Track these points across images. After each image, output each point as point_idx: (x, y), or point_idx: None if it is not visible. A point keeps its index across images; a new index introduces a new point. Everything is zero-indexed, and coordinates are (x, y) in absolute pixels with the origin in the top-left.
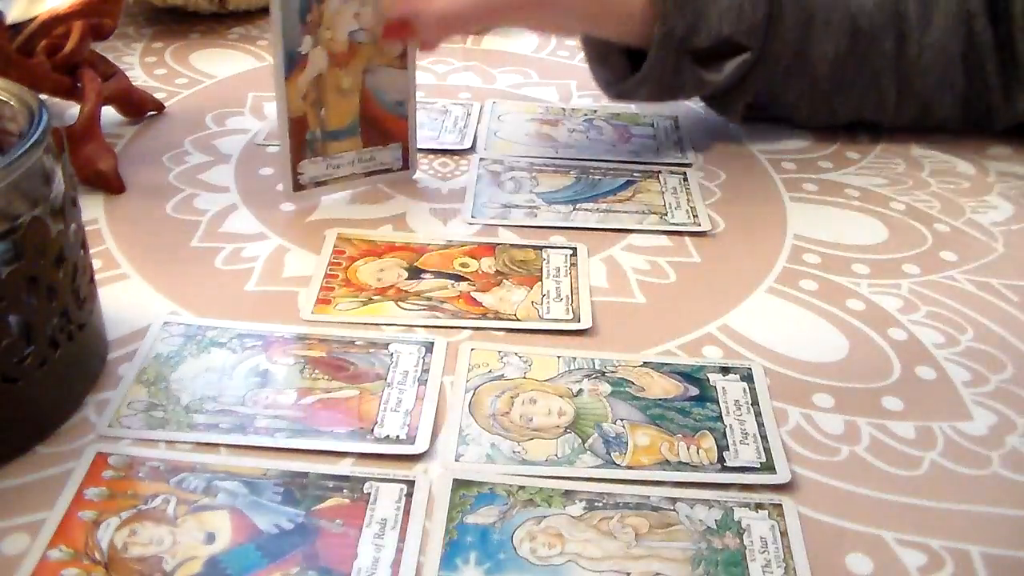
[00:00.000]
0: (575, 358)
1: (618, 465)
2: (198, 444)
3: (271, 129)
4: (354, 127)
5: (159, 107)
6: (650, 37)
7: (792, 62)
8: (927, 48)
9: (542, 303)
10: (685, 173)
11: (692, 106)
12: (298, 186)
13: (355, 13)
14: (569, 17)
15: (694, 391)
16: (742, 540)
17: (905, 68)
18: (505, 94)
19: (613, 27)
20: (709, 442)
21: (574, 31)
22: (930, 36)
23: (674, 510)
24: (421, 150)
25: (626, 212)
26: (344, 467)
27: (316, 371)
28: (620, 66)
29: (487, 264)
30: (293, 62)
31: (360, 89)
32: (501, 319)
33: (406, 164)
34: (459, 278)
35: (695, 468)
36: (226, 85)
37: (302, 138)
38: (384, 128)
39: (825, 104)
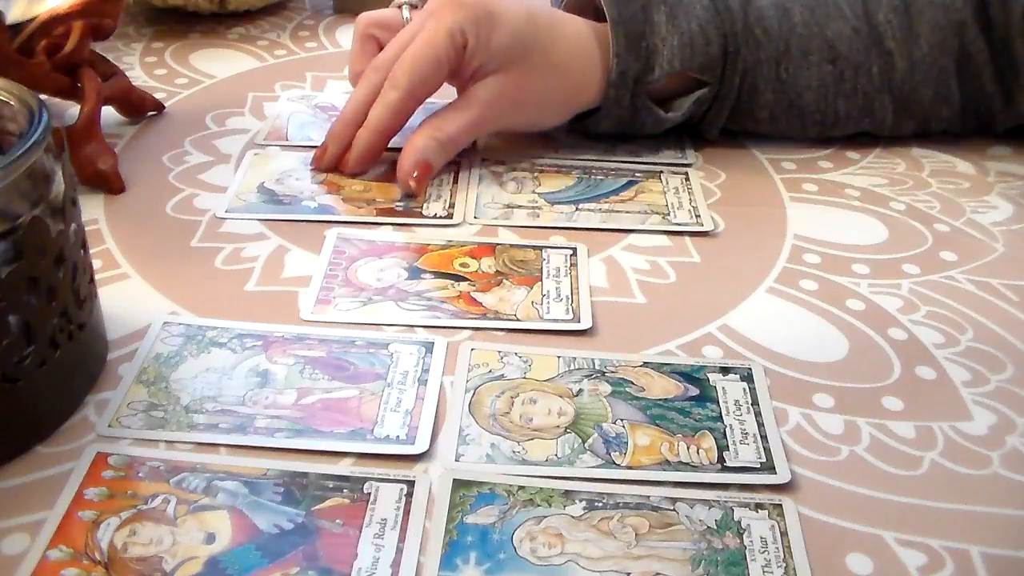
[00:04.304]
0: (575, 358)
1: (618, 465)
2: (198, 444)
3: (271, 129)
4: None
5: (159, 107)
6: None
7: (774, 98)
8: (918, 63)
9: (542, 303)
10: (687, 173)
11: None
12: None
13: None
14: (544, 110)
15: (694, 391)
16: (742, 540)
17: (897, 87)
18: None
19: (583, 100)
20: (709, 442)
21: (551, 121)
22: (919, 51)
23: (674, 510)
24: None
25: (628, 212)
26: (344, 467)
27: (316, 371)
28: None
29: (487, 264)
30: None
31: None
32: (501, 319)
33: None
34: (459, 278)
35: (695, 468)
36: (226, 85)
37: None
38: None
39: (820, 133)
